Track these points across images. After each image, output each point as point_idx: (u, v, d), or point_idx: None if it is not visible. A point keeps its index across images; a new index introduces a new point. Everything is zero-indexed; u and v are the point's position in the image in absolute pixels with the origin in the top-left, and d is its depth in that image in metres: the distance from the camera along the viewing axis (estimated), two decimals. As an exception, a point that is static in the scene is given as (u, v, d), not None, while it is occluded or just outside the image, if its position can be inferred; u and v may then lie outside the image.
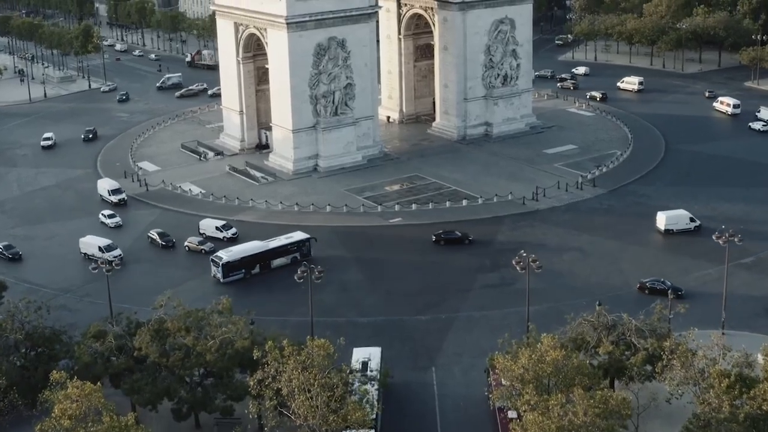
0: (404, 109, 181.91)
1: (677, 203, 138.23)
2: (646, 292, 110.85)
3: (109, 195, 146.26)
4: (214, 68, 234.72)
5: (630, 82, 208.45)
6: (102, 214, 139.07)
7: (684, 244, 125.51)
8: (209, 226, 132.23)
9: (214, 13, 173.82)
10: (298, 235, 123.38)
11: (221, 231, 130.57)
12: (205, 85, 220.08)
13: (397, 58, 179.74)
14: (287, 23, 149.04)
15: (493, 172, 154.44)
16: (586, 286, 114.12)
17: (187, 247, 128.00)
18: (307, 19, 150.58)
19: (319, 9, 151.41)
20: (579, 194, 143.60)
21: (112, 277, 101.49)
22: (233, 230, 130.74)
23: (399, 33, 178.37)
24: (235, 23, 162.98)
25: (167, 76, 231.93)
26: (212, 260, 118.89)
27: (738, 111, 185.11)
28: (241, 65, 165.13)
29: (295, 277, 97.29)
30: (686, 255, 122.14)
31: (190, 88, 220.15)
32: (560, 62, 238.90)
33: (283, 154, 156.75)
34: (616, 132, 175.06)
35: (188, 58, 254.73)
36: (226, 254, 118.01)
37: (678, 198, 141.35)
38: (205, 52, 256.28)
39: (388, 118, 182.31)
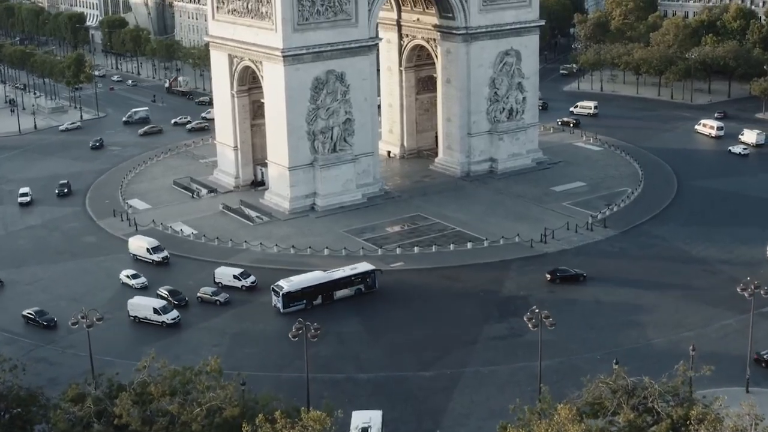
0: (405, 144, 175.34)
1: (692, 245, 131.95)
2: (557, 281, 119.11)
3: (150, 253, 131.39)
4: (188, 95, 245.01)
5: (584, 107, 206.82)
6: (124, 275, 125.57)
7: (702, 291, 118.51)
8: (226, 274, 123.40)
9: (207, 44, 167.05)
10: (363, 266, 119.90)
11: (239, 279, 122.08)
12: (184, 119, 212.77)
13: (398, 90, 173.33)
14: (283, 56, 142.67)
15: (499, 212, 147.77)
16: (600, 338, 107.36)
17: (199, 299, 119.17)
18: (304, 51, 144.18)
19: (316, 41, 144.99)
20: (589, 236, 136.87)
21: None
22: (252, 278, 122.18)
23: (400, 65, 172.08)
24: (230, 55, 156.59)
25: (134, 109, 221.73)
26: (273, 289, 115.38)
27: (722, 133, 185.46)
28: (236, 99, 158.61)
29: (290, 335, 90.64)
30: (705, 303, 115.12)
31: (153, 126, 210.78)
32: (565, 93, 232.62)
33: (279, 193, 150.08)
34: (625, 168, 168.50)
35: (166, 84, 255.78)
36: (287, 284, 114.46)
37: (693, 239, 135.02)
38: (180, 78, 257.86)
39: (389, 152, 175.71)
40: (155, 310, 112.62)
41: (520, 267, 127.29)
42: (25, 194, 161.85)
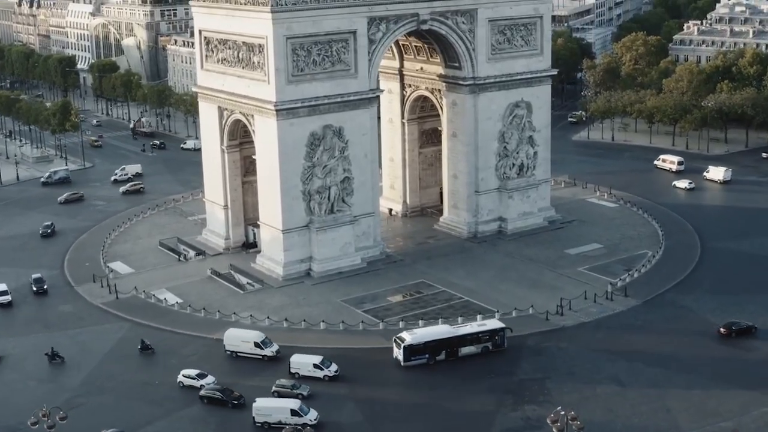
0: (408, 201, 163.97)
1: (722, 317, 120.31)
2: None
3: (260, 348, 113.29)
4: (151, 136, 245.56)
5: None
6: (183, 375, 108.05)
7: (737, 372, 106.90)
8: (304, 363, 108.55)
9: (196, 94, 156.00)
10: (492, 323, 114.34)
11: (321, 368, 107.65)
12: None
13: (400, 144, 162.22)
14: (276, 110, 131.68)
15: (510, 278, 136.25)
16: (627, 429, 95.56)
17: (276, 393, 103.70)
18: (299, 105, 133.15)
19: (312, 94, 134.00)
20: (609, 306, 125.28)
21: None
22: (335, 367, 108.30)
23: (402, 117, 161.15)
24: (219, 107, 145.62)
25: (53, 169, 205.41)
26: (395, 340, 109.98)
27: (682, 168, 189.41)
28: (226, 154, 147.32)
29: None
30: (741, 386, 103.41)
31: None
32: (574, 142, 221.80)
33: (272, 257, 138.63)
34: (644, 227, 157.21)
35: (131, 126, 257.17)
36: (410, 336, 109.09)
37: (723, 310, 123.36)
38: (143, 120, 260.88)
39: (390, 210, 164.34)
40: (293, 412, 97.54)
41: (535, 344, 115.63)
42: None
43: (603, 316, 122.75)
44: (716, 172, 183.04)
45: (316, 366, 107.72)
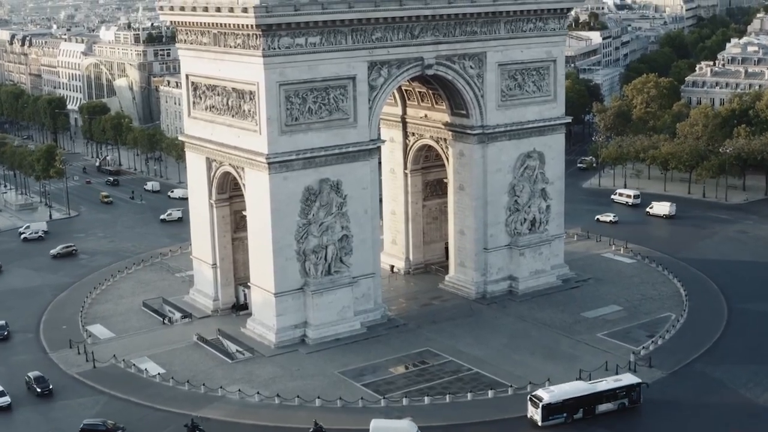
0: (411, 257, 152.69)
1: (757, 392, 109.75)
2: None
3: None
4: (117, 174, 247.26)
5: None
6: None
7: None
8: (387, 428, 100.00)
9: (183, 144, 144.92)
10: (628, 379, 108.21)
11: None
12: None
13: (402, 196, 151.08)
14: (268, 162, 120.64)
15: (523, 346, 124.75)
16: None
17: None
18: (293, 157, 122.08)
19: (308, 145, 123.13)
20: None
21: None
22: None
23: (405, 167, 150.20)
24: (207, 158, 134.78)
25: (27, 224, 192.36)
26: (530, 399, 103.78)
27: (638, 201, 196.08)
28: (215, 209, 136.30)
29: None
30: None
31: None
32: (585, 190, 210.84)
33: (264, 322, 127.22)
34: (665, 286, 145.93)
35: (97, 163, 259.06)
36: (547, 394, 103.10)
37: (757, 383, 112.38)
38: (108, 158, 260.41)
39: (392, 267, 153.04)
40: None
41: (555, 425, 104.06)
42: None
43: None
44: (661, 207, 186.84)
45: None
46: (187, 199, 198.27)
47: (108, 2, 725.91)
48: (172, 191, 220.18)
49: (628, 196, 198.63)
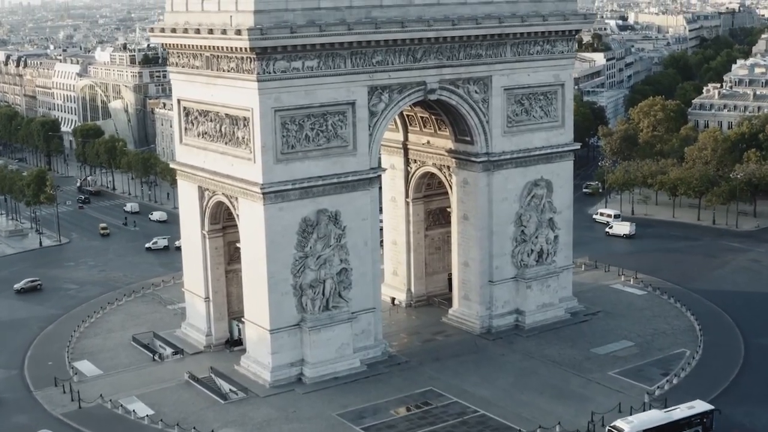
0: (413, 289, 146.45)
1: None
2: None
3: None
4: (98, 194, 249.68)
5: None
6: None
7: None
8: None
9: (175, 172, 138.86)
10: (701, 406, 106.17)
11: None
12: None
13: (404, 225, 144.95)
14: (263, 192, 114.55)
15: (532, 386, 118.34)
16: None
17: None
18: (289, 187, 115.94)
19: (304, 174, 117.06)
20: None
21: None
22: None
23: (407, 195, 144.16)
24: (200, 187, 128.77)
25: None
26: (610, 431, 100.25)
27: (619, 221, 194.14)
28: (207, 240, 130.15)
29: None
30: None
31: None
32: (591, 217, 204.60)
33: (259, 360, 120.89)
34: (677, 320, 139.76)
35: (77, 183, 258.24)
36: (627, 425, 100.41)
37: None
38: (89, 178, 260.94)
39: (393, 299, 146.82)
40: None
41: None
42: None
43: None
44: (621, 227, 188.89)
45: None
46: (165, 221, 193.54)
47: (107, 23, 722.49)
48: (152, 214, 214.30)
49: (609, 216, 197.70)
